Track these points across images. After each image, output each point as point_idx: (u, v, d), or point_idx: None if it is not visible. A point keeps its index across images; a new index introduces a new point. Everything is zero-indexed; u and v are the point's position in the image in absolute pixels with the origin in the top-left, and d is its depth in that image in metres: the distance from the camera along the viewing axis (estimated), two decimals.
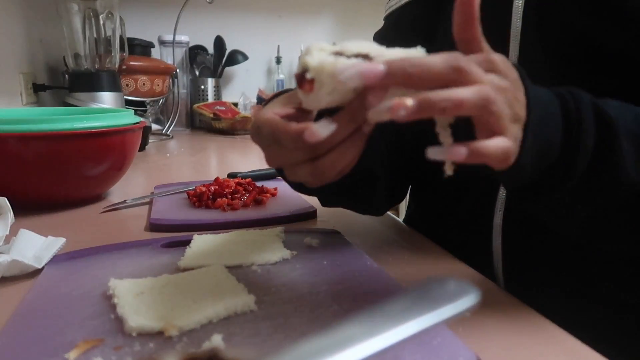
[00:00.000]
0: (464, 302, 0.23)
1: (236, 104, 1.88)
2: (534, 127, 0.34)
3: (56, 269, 0.49)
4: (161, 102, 1.69)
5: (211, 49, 1.98)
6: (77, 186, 0.75)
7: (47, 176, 0.71)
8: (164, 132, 1.67)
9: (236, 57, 1.98)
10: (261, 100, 1.92)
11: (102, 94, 1.30)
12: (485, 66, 0.32)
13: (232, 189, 0.74)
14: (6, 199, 0.60)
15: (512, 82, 0.33)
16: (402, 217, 0.73)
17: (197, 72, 1.95)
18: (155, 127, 1.65)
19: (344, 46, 0.33)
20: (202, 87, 1.93)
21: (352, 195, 0.54)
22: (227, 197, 0.72)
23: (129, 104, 1.50)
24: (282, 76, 2.13)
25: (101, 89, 1.30)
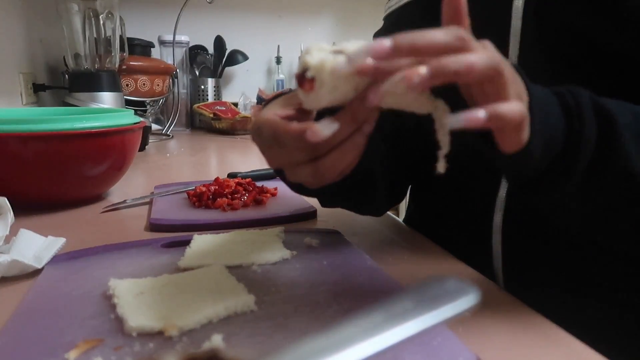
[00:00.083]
0: (464, 302, 0.23)
1: (236, 104, 1.88)
2: (537, 109, 0.34)
3: (56, 269, 0.49)
4: (161, 102, 1.69)
5: (211, 49, 1.98)
6: (77, 186, 0.75)
7: (47, 176, 0.71)
8: (164, 132, 1.67)
9: (236, 57, 1.98)
10: (261, 100, 1.92)
11: (102, 94, 1.30)
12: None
13: (232, 189, 0.75)
14: (6, 199, 0.60)
15: (508, 63, 0.33)
16: (402, 217, 0.73)
17: (197, 72, 1.95)
18: (155, 127, 1.65)
19: (343, 46, 0.34)
20: (202, 87, 1.93)
21: (351, 195, 0.54)
22: (227, 197, 0.72)
23: (129, 104, 1.50)
24: (282, 76, 2.13)
25: (101, 89, 1.30)
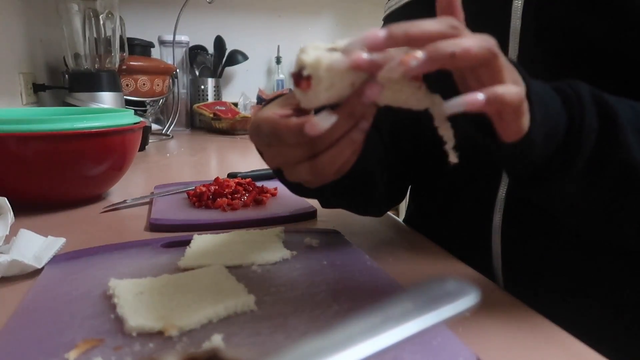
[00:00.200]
0: (464, 302, 0.23)
1: (236, 104, 1.88)
2: (536, 100, 0.34)
3: (56, 269, 0.49)
4: (161, 102, 1.69)
5: (211, 49, 1.98)
6: (77, 186, 0.75)
7: (47, 176, 0.71)
8: (164, 132, 1.67)
9: (236, 57, 1.98)
10: (261, 100, 1.92)
11: (102, 94, 1.30)
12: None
13: (232, 189, 0.75)
14: (6, 199, 0.60)
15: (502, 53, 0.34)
16: (402, 217, 0.73)
17: (197, 72, 1.95)
18: (155, 127, 1.65)
19: (338, 44, 0.34)
20: (202, 87, 1.93)
21: (351, 196, 0.54)
22: (227, 197, 0.72)
23: (129, 104, 1.50)
24: (282, 76, 2.13)
25: (101, 89, 1.30)
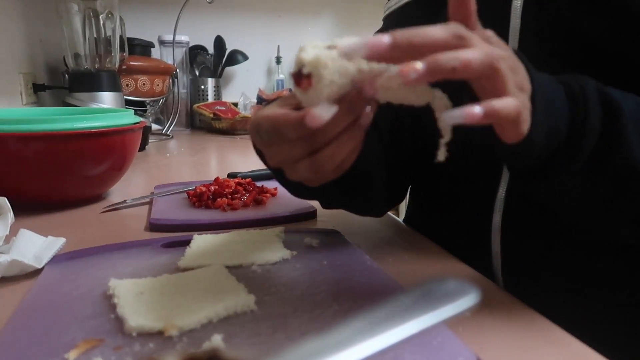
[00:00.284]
0: (464, 302, 0.23)
1: (236, 104, 1.88)
2: (540, 99, 0.34)
3: (56, 269, 0.49)
4: (161, 102, 1.69)
5: (211, 49, 1.98)
6: (77, 186, 0.75)
7: (47, 176, 0.71)
8: (164, 132, 1.67)
9: (236, 57, 1.98)
10: (261, 100, 1.92)
11: (102, 94, 1.30)
12: (483, 40, 0.33)
13: (232, 189, 0.75)
14: (6, 199, 0.60)
15: (510, 54, 0.34)
16: (402, 217, 0.73)
17: (197, 72, 1.95)
18: (155, 127, 1.65)
19: (337, 42, 0.34)
20: (202, 87, 1.93)
21: (351, 196, 0.54)
22: (227, 197, 0.72)
23: (129, 104, 1.50)
24: (282, 76, 2.13)
25: (101, 89, 1.30)
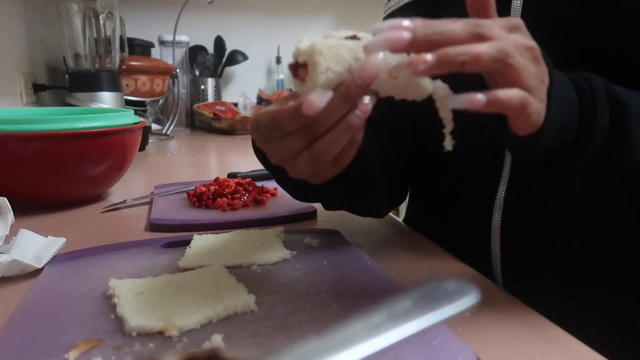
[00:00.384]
0: (464, 302, 0.23)
1: (236, 104, 1.88)
2: (556, 94, 0.35)
3: (56, 269, 0.49)
4: (161, 102, 1.69)
5: (211, 49, 1.98)
6: (77, 186, 0.75)
7: (47, 176, 0.71)
8: (164, 132, 1.67)
9: (236, 57, 1.98)
10: (261, 100, 1.92)
11: (102, 94, 1.30)
12: (509, 28, 0.33)
13: (232, 189, 0.75)
14: (6, 199, 0.60)
15: (534, 45, 0.34)
16: (402, 217, 0.73)
17: (197, 72, 1.95)
18: (155, 127, 1.65)
19: (332, 34, 0.34)
20: (202, 87, 1.93)
21: (352, 198, 0.54)
22: (227, 197, 0.72)
23: (129, 104, 1.50)
24: (282, 76, 2.13)
25: (101, 89, 1.30)
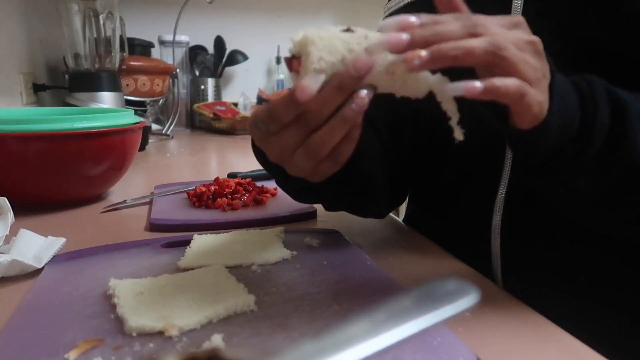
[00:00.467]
0: (464, 302, 0.23)
1: (236, 104, 1.88)
2: (557, 90, 0.35)
3: (56, 269, 0.49)
4: (161, 102, 1.69)
5: (211, 49, 1.98)
6: (77, 186, 0.75)
7: (47, 176, 0.70)
8: (164, 132, 1.67)
9: (236, 57, 1.98)
10: (261, 100, 1.92)
11: (102, 94, 1.30)
12: (510, 26, 0.34)
13: (232, 189, 0.75)
14: (6, 199, 0.60)
15: (536, 40, 0.34)
16: (402, 217, 0.73)
17: (197, 72, 1.95)
18: (155, 127, 1.65)
19: (328, 28, 0.35)
20: (202, 87, 1.93)
21: (353, 198, 0.54)
22: (227, 197, 0.72)
23: (129, 104, 1.50)
24: (282, 76, 2.12)
25: (101, 89, 1.30)
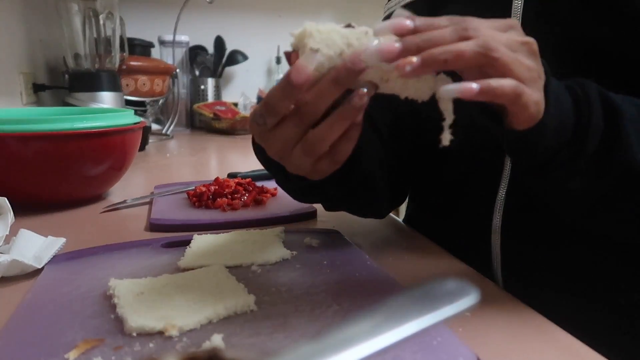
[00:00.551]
0: (464, 302, 0.23)
1: (236, 104, 1.88)
2: (552, 92, 0.35)
3: (56, 269, 0.49)
4: (161, 102, 1.69)
5: (211, 49, 1.98)
6: (77, 186, 0.75)
7: (47, 176, 0.70)
8: (164, 132, 1.67)
9: (236, 57, 1.98)
10: (261, 100, 1.92)
11: (102, 94, 1.30)
12: (503, 29, 0.34)
13: (232, 189, 0.75)
14: (6, 199, 0.60)
15: (530, 40, 0.35)
16: (402, 217, 0.73)
17: (197, 72, 1.95)
18: (155, 127, 1.65)
19: (325, 23, 0.35)
20: (202, 87, 1.93)
21: (353, 198, 0.54)
22: (227, 197, 0.72)
23: (129, 104, 1.50)
24: (282, 76, 2.12)
25: (101, 89, 1.30)
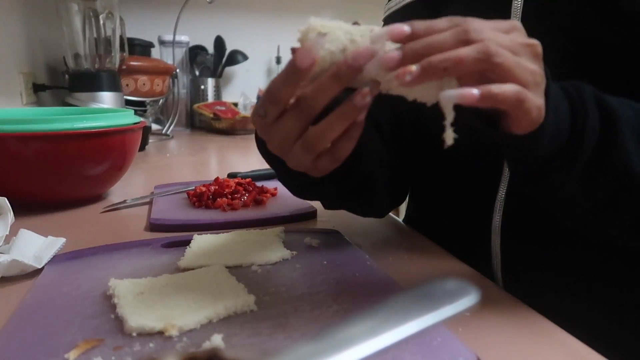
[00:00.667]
0: (464, 302, 0.23)
1: (236, 104, 1.88)
2: (552, 97, 0.35)
3: (56, 269, 0.49)
4: (161, 102, 1.69)
5: (211, 49, 1.98)
6: (77, 186, 0.75)
7: (47, 176, 0.70)
8: (164, 132, 1.67)
9: (236, 57, 1.98)
10: None
11: (102, 94, 1.30)
12: (506, 30, 0.34)
13: (232, 189, 0.75)
14: (6, 199, 0.60)
15: (533, 42, 0.35)
16: (402, 217, 0.73)
17: (197, 72, 1.95)
18: (155, 127, 1.65)
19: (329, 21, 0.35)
20: (202, 87, 1.93)
21: (353, 197, 0.54)
22: (227, 197, 0.72)
23: (129, 104, 1.50)
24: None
25: (101, 89, 1.30)
